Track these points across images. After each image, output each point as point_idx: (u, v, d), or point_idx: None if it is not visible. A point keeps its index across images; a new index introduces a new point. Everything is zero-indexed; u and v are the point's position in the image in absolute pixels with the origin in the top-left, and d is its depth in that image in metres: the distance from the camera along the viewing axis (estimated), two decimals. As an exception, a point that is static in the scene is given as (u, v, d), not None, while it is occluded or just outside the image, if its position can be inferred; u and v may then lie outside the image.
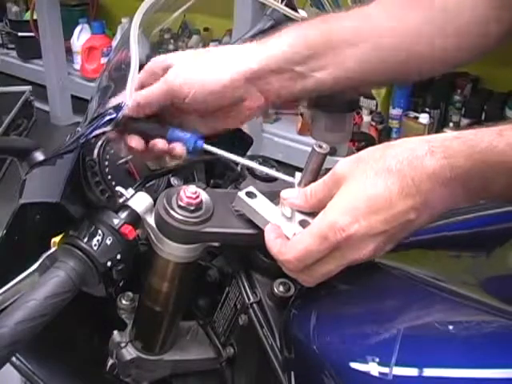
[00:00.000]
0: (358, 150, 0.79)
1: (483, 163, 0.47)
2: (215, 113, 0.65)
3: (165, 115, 0.65)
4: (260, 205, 0.55)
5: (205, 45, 2.88)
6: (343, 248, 0.49)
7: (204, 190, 0.57)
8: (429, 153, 0.47)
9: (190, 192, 0.54)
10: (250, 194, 0.56)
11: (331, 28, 0.65)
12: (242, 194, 0.56)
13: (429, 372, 0.45)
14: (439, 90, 2.35)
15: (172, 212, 0.54)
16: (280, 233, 0.53)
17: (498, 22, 0.66)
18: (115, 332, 0.67)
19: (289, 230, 0.54)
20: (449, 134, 0.49)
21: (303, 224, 0.54)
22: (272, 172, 0.62)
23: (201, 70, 0.63)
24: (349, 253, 0.49)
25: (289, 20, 0.74)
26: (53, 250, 0.56)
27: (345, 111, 0.72)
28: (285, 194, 0.55)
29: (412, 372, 0.45)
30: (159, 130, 0.63)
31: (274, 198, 0.58)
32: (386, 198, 0.48)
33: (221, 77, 0.62)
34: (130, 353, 0.65)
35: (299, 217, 0.55)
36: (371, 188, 0.48)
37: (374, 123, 2.46)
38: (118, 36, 3.07)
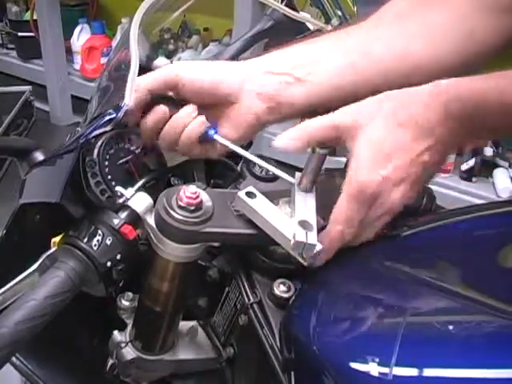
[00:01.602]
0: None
1: (485, 102, 0.52)
2: (212, 112, 0.65)
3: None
4: (260, 205, 0.55)
5: (205, 45, 2.88)
6: (377, 200, 0.54)
7: (204, 190, 0.57)
8: (437, 96, 0.53)
9: (190, 192, 0.54)
10: (250, 194, 0.56)
11: (328, 36, 0.67)
12: (241, 193, 0.56)
13: (429, 372, 0.45)
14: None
15: (172, 212, 0.54)
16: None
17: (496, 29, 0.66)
18: (115, 332, 0.67)
19: (288, 230, 0.54)
20: (453, 79, 0.54)
21: (303, 225, 0.54)
22: (274, 169, 0.62)
23: (198, 65, 0.65)
24: (381, 204, 0.54)
25: (289, 20, 0.74)
26: (53, 250, 0.56)
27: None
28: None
29: (412, 372, 0.45)
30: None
31: (273, 197, 0.58)
32: (402, 148, 0.53)
33: (214, 69, 0.65)
34: (130, 353, 0.65)
35: (299, 217, 0.55)
36: (388, 141, 0.54)
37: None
38: (118, 36, 3.07)
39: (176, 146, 0.65)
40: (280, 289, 0.59)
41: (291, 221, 0.55)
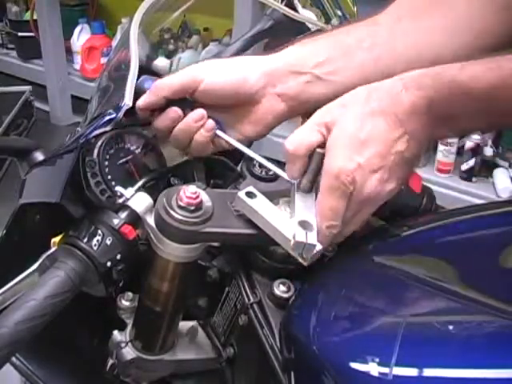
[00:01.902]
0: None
1: (450, 94, 0.53)
2: (231, 111, 0.65)
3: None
4: (260, 205, 0.55)
5: (205, 45, 2.88)
6: (356, 187, 0.53)
7: (204, 190, 0.57)
8: (404, 89, 0.54)
9: (190, 192, 0.54)
10: (249, 194, 0.56)
11: (347, 33, 0.67)
12: (241, 194, 0.56)
13: (429, 372, 0.45)
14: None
15: (172, 212, 0.54)
16: None
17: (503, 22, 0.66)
18: (115, 332, 0.67)
19: (288, 230, 0.54)
20: (418, 71, 0.55)
21: (303, 225, 0.54)
22: (275, 168, 0.62)
23: (218, 67, 0.65)
24: (360, 192, 0.54)
25: (289, 20, 0.74)
26: (53, 250, 0.56)
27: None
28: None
29: (412, 372, 0.45)
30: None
31: (273, 197, 0.58)
32: (376, 136, 0.54)
33: (236, 70, 0.64)
34: (130, 353, 0.65)
35: (299, 217, 0.55)
36: (361, 130, 0.54)
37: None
38: (118, 36, 3.07)
39: (188, 147, 0.66)
40: (280, 289, 0.59)
41: (291, 221, 0.55)
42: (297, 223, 0.54)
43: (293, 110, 0.66)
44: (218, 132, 0.65)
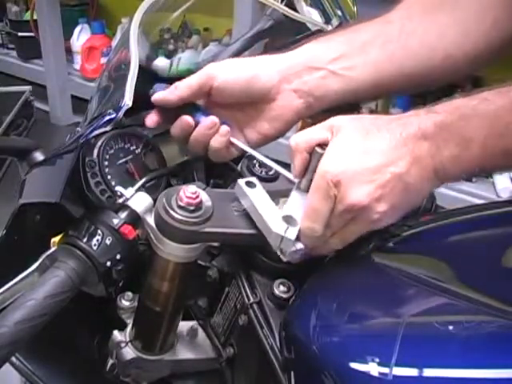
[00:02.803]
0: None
1: (460, 116, 0.52)
2: (248, 110, 0.66)
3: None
4: (256, 195, 0.56)
5: (205, 45, 2.88)
6: (341, 192, 0.51)
7: (204, 190, 0.57)
8: (415, 115, 0.54)
9: (190, 192, 0.54)
10: (249, 184, 0.57)
11: (360, 30, 0.67)
12: (241, 181, 0.56)
13: (429, 372, 0.45)
14: (439, 90, 2.34)
15: (172, 212, 0.54)
16: None
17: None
18: (115, 332, 0.67)
19: (274, 222, 0.54)
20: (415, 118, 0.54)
21: (287, 219, 0.55)
22: (286, 173, 0.62)
23: (232, 64, 0.66)
24: (344, 197, 0.51)
25: (289, 20, 0.74)
26: (52, 249, 0.56)
27: (345, 111, 0.72)
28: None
29: (412, 372, 0.45)
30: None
31: (274, 197, 0.58)
32: (377, 150, 0.52)
33: (248, 67, 0.65)
34: (129, 353, 0.65)
35: (286, 212, 0.55)
36: (364, 140, 0.53)
37: (374, 123, 2.45)
38: (118, 36, 3.07)
39: (206, 152, 0.66)
40: (280, 289, 0.59)
41: (279, 214, 0.55)
42: (281, 217, 0.54)
43: (310, 106, 0.66)
44: (232, 139, 0.65)
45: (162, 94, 0.65)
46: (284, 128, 0.68)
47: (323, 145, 0.55)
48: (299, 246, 0.54)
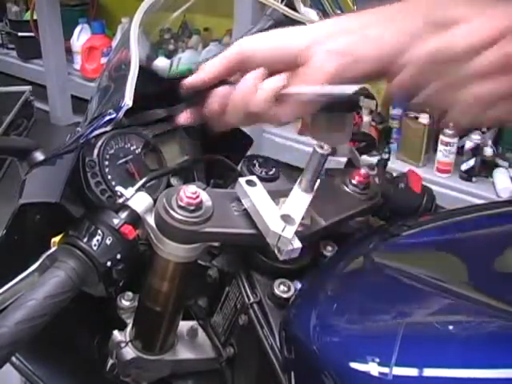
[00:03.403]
0: (358, 150, 0.79)
1: None
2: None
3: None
4: (256, 193, 0.56)
5: (205, 45, 2.88)
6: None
7: (204, 190, 0.57)
8: None
9: (190, 192, 0.54)
10: (249, 182, 0.57)
11: None
12: (242, 179, 0.57)
13: (429, 372, 0.45)
14: (439, 90, 2.34)
15: (172, 212, 0.54)
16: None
17: None
18: (115, 332, 0.67)
19: (272, 221, 0.54)
20: None
21: (285, 218, 0.54)
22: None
23: (260, 35, 0.65)
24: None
25: (289, 20, 0.74)
26: (53, 249, 0.56)
27: (345, 111, 0.72)
28: None
29: (412, 372, 0.45)
30: None
31: (274, 197, 0.58)
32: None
33: (278, 33, 0.64)
34: (129, 353, 0.65)
35: (284, 210, 0.55)
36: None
37: (374, 123, 2.45)
38: (118, 36, 3.07)
39: (248, 109, 0.62)
40: (280, 289, 0.59)
41: (278, 213, 0.55)
42: (279, 215, 0.54)
43: (345, 71, 0.62)
44: (288, 89, 0.61)
45: (191, 78, 0.64)
46: None
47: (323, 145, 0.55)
48: (297, 245, 0.54)
